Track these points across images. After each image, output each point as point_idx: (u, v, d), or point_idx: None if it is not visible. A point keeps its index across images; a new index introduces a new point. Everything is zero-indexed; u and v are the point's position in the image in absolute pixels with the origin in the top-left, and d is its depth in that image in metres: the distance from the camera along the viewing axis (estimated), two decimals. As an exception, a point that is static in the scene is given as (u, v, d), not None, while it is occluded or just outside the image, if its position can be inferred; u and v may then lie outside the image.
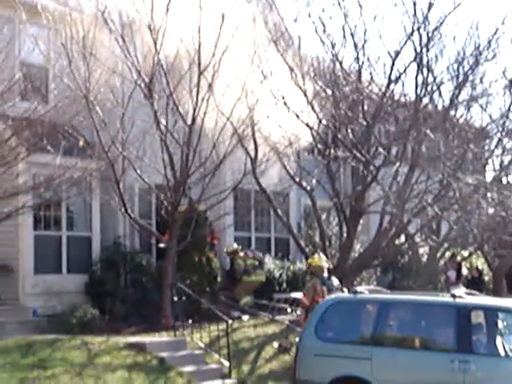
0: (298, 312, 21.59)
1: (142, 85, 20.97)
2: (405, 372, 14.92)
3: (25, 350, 17.49)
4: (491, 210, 28.99)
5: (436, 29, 24.15)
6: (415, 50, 24.27)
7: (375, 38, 24.57)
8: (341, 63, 24.56)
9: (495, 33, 25.01)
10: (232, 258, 25.27)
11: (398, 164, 24.82)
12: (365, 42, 24.15)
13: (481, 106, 28.23)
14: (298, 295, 22.44)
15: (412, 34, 24.02)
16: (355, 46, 24.19)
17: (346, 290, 19.63)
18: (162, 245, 23.05)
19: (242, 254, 25.09)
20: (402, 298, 17.52)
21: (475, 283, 29.80)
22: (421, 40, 24.11)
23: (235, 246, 25.59)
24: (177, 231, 22.09)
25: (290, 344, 20.21)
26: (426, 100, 25.06)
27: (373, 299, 17.07)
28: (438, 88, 25.33)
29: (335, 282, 20.97)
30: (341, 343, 15.59)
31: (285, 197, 28.15)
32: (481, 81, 26.28)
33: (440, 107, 25.50)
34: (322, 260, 21.20)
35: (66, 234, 23.70)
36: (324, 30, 24.07)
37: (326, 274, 20.83)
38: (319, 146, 24.00)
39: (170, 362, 18.29)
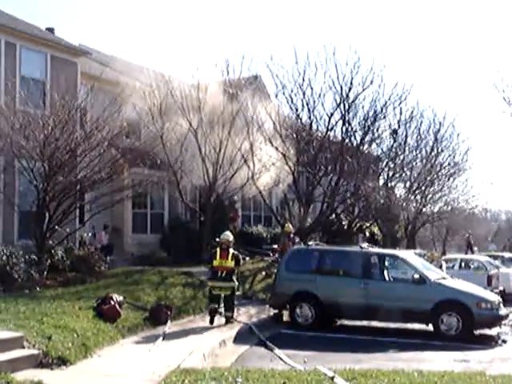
0: (276, 255, 21.51)
1: (192, 130, 21.02)
2: (334, 288, 14.89)
3: (126, 274, 17.56)
4: (382, 201, 29.16)
5: (353, 101, 24.17)
6: (341, 113, 24.29)
7: (320, 106, 24.39)
8: (301, 120, 24.52)
9: (385, 104, 25.11)
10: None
11: (331, 175, 24.92)
12: (314, 108, 24.13)
13: (377, 144, 28.40)
14: (275, 246, 22.45)
15: (339, 104, 24.05)
16: (308, 110, 24.16)
17: (302, 243, 19.68)
18: (202, 218, 23.11)
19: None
20: (333, 248, 17.62)
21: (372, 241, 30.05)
22: (344, 107, 24.13)
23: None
24: (210, 211, 22.14)
25: (271, 273, 20.17)
26: (347, 140, 25.10)
27: (317, 249, 17.14)
28: (354, 134, 25.38)
29: (297, 239, 21.01)
30: (299, 272, 15.54)
31: (269, 192, 28.18)
32: (377, 130, 26.40)
33: (355, 144, 25.53)
34: (290, 227, 21.26)
35: (149, 212, 23.80)
36: (292, 101, 24.12)
37: (292, 235, 20.89)
38: (289, 164, 23.98)
39: (206, 282, 18.18)
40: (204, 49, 22.26)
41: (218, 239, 14.88)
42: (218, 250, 14.21)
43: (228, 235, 14.51)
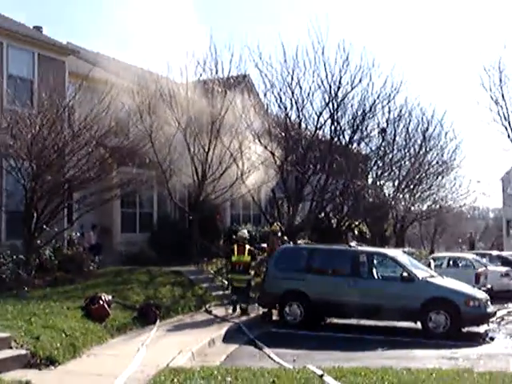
0: (265, 254, 21.41)
1: (181, 129, 20.89)
2: (323, 286, 14.96)
3: (115, 273, 17.52)
4: (370, 200, 29.24)
5: (342, 100, 24.19)
6: (330, 111, 24.29)
7: (309, 104, 24.40)
8: (289, 118, 24.43)
9: (374, 102, 25.17)
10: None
11: (320, 174, 24.91)
12: (303, 107, 24.04)
13: (365, 143, 28.43)
14: (264, 245, 22.38)
15: (328, 103, 24.05)
16: (297, 109, 24.09)
17: (291, 242, 19.67)
18: (191, 217, 22.98)
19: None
20: (322, 246, 17.66)
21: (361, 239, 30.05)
22: (333, 106, 24.13)
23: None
24: (199, 210, 22.02)
25: (260, 272, 20.14)
26: (336, 139, 25.11)
27: (306, 247, 17.24)
28: (343, 133, 25.38)
29: (286, 238, 20.97)
30: (288, 271, 15.58)
31: (258, 191, 28.02)
32: (366, 129, 26.43)
33: (343, 143, 25.55)
34: (278, 226, 21.25)
35: (138, 211, 23.70)
36: (281, 100, 24.07)
37: (280, 234, 20.85)
38: (278, 163, 23.90)
39: (195, 281, 18.24)
40: (193, 47, 22.02)
41: (234, 236, 16.62)
42: (236, 246, 16.05)
43: (244, 233, 16.38)
